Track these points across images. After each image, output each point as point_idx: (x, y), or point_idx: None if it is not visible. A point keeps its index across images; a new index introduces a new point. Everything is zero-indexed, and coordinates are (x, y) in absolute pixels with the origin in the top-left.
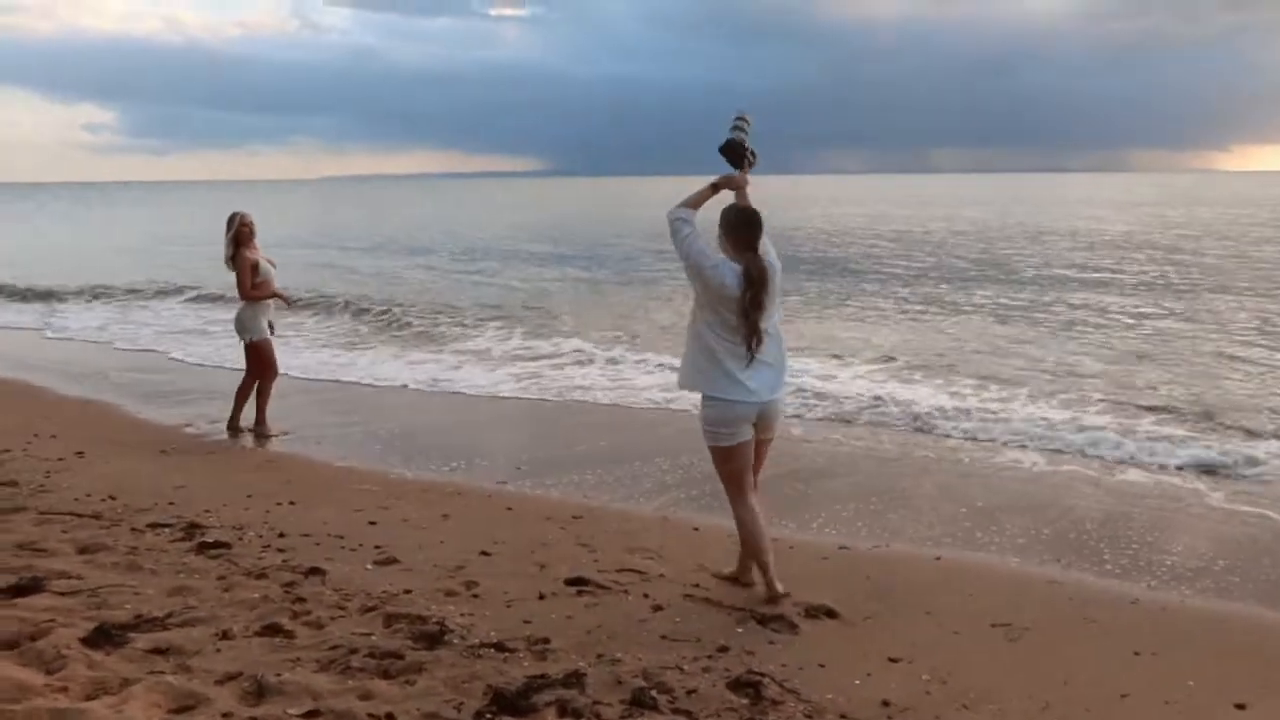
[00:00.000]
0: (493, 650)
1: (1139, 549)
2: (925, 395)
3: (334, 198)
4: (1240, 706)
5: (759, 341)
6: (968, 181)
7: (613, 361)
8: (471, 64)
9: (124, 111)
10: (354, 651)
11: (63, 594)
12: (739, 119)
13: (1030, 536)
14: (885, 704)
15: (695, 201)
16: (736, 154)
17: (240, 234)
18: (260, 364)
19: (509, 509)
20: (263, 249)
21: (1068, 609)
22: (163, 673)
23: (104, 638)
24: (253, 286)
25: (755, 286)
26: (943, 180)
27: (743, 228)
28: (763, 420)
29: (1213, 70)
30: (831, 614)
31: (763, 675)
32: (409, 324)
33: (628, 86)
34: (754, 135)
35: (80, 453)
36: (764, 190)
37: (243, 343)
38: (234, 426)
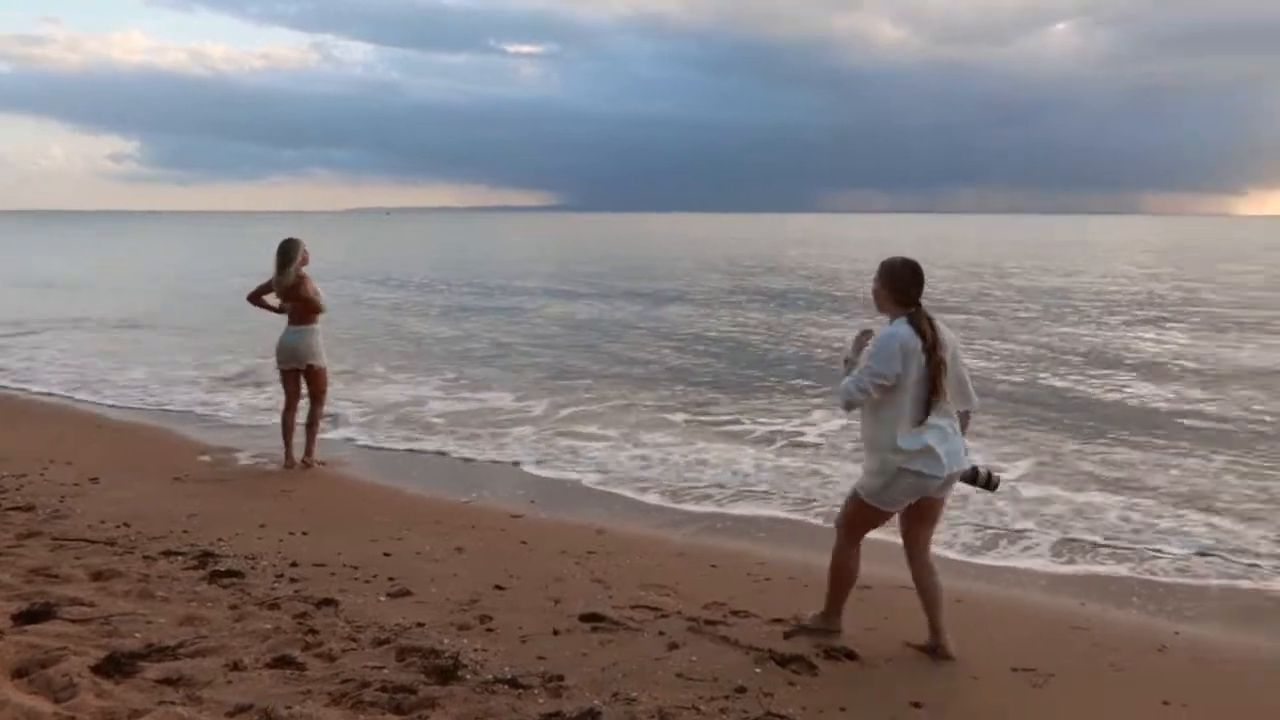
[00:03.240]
0: (506, 686)
1: None
2: None
3: (376, 229)
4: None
5: (939, 398)
6: (1000, 222)
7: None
8: (490, 100)
9: (147, 142)
10: (366, 685)
11: (74, 621)
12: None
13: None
14: None
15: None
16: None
17: (304, 259)
18: (323, 389)
19: (524, 543)
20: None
21: (1093, 654)
22: (173, 703)
23: (114, 666)
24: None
25: (930, 340)
26: (969, 220)
27: (911, 280)
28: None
29: (1228, 115)
30: (851, 656)
31: (782, 717)
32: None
33: (644, 125)
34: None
35: (95, 479)
36: (814, 226)
37: (306, 367)
38: (293, 459)
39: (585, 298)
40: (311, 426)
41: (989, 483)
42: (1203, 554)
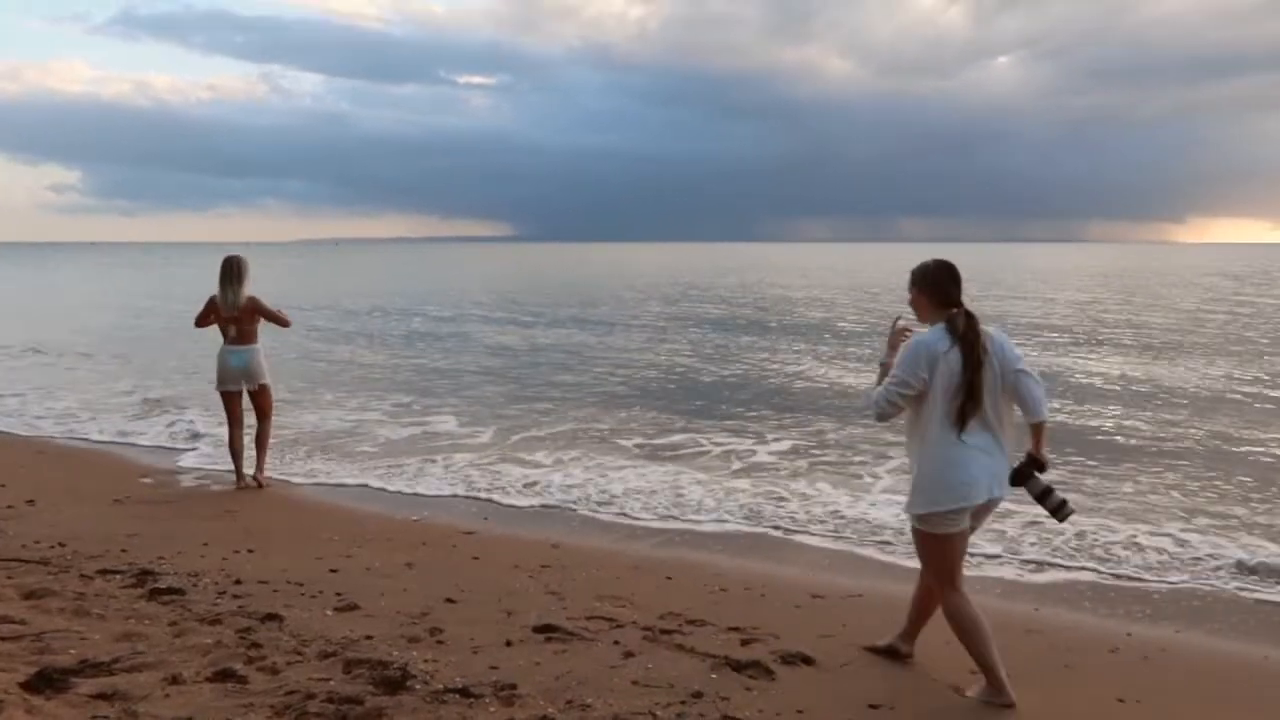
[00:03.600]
0: (457, 696)
1: None
2: None
3: (329, 260)
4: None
5: (976, 408)
6: (945, 250)
7: None
8: (441, 130)
9: (90, 172)
10: (311, 697)
11: (4, 639)
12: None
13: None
14: None
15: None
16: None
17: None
18: (270, 406)
19: (476, 558)
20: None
21: (1049, 656)
22: (106, 717)
23: (45, 683)
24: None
25: (967, 342)
26: (916, 249)
27: (949, 279)
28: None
29: (1167, 146)
30: (808, 660)
31: (736, 719)
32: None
33: (595, 156)
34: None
35: (31, 501)
36: (749, 256)
37: (255, 387)
38: (243, 476)
39: (536, 325)
40: (262, 444)
41: (1059, 510)
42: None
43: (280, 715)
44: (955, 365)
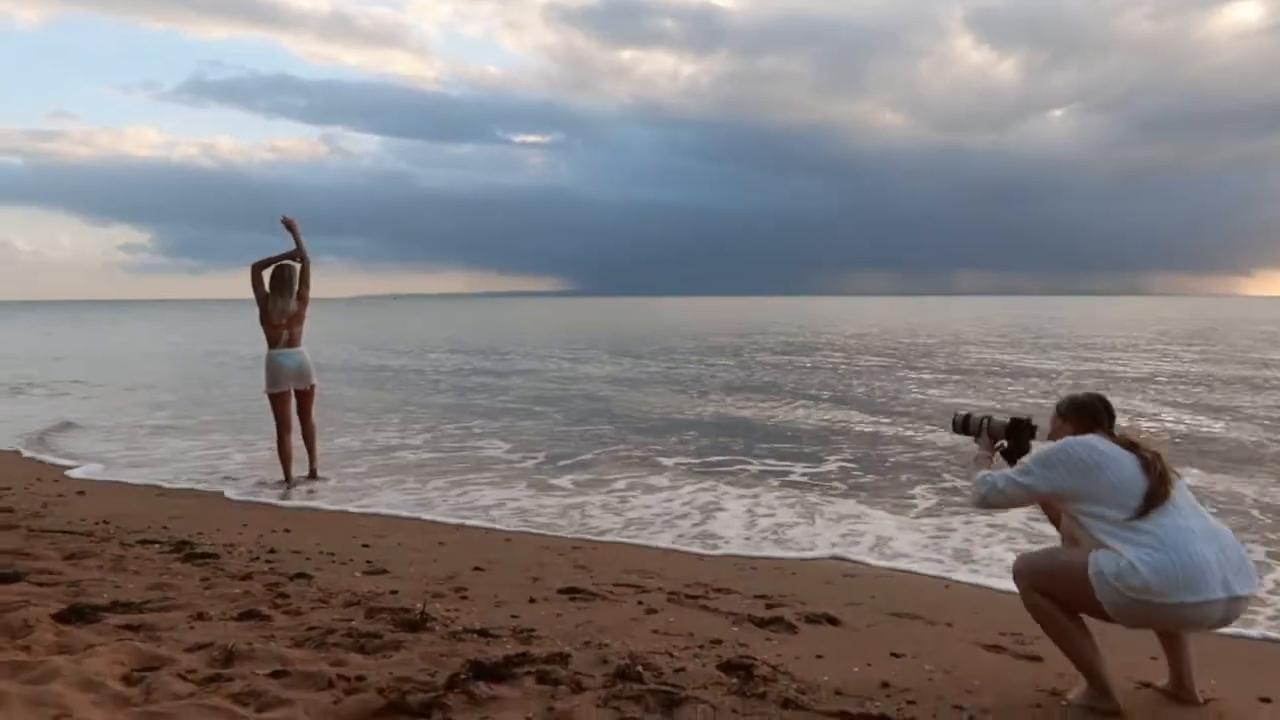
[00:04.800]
0: (475, 635)
1: None
2: None
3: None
4: (1265, 700)
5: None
6: (1005, 303)
7: None
8: (498, 188)
9: (160, 233)
10: (331, 632)
11: (41, 585)
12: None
13: None
14: (884, 685)
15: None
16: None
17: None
18: (313, 405)
19: (508, 540)
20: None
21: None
22: (131, 640)
23: (76, 615)
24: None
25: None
26: (970, 302)
27: (1103, 408)
28: None
29: (1229, 197)
30: (833, 621)
31: (755, 659)
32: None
33: (649, 210)
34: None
35: (81, 491)
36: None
37: (309, 387)
38: (291, 478)
39: (595, 362)
40: (312, 440)
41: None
42: None
43: (300, 645)
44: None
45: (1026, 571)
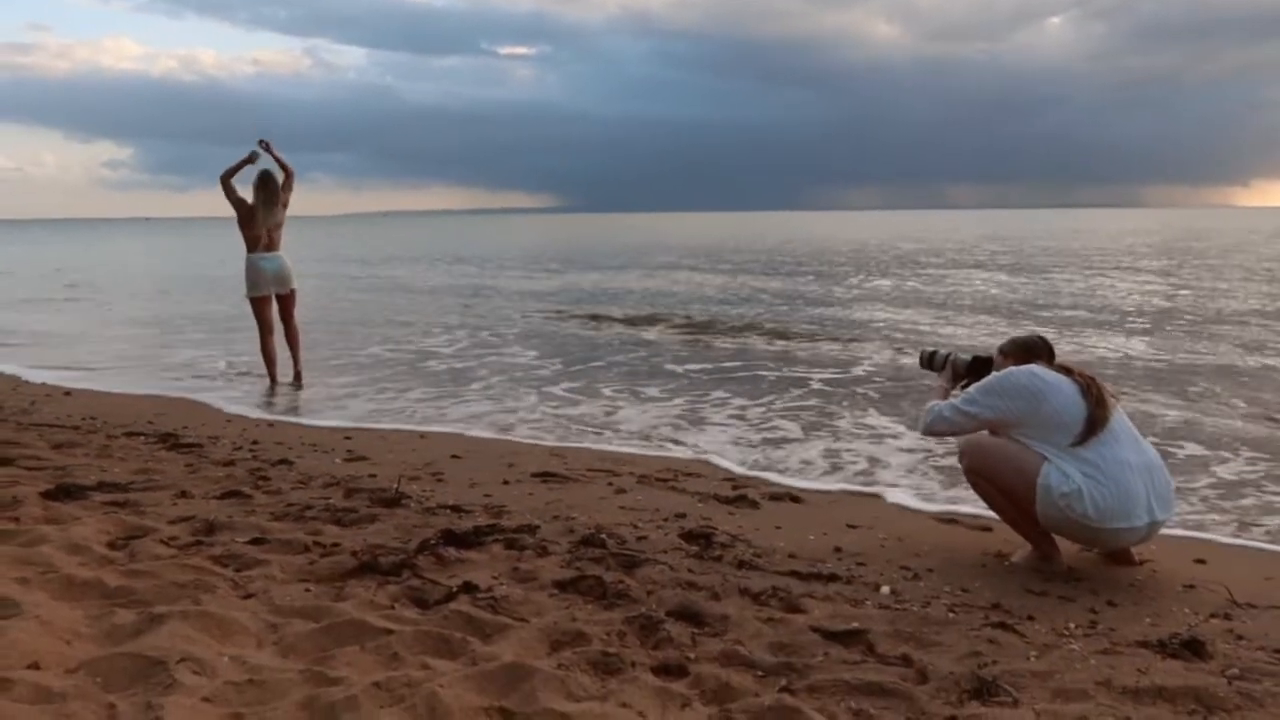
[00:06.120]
0: (448, 510)
1: None
2: None
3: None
4: (1200, 561)
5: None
6: (1001, 216)
7: None
8: (486, 102)
9: (142, 149)
10: (309, 508)
11: (30, 469)
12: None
13: None
14: (837, 550)
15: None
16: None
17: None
18: (294, 308)
19: (484, 438)
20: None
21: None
22: (116, 513)
23: (63, 493)
24: None
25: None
26: (965, 215)
27: (1043, 346)
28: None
29: (1229, 107)
30: (795, 499)
31: (715, 529)
32: None
33: (639, 125)
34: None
35: (68, 392)
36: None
37: (290, 291)
38: (277, 380)
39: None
40: (295, 343)
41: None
42: None
43: (279, 519)
44: None
45: (973, 457)
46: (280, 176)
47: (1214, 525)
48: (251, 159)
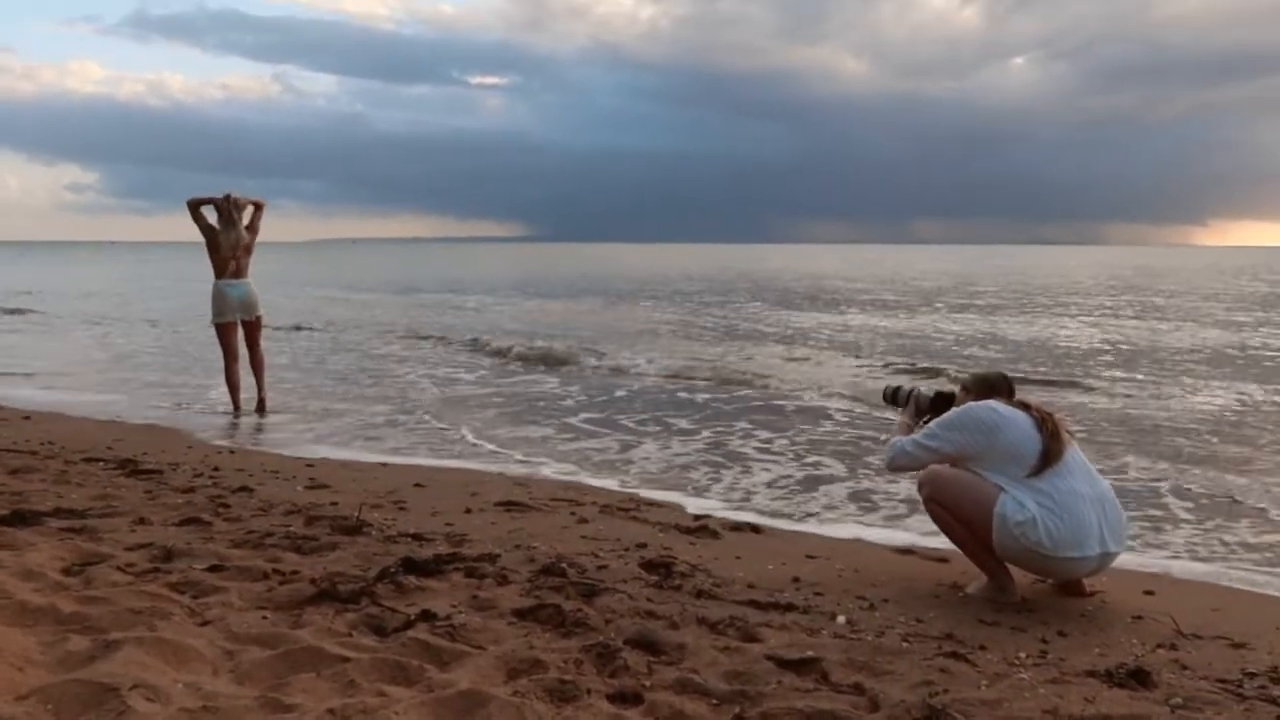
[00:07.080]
0: (409, 539)
1: None
2: None
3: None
4: (1149, 593)
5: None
6: (966, 252)
7: None
8: (456, 131)
9: (107, 173)
10: (269, 535)
11: None
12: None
13: None
14: (795, 580)
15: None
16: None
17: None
18: (260, 335)
19: (448, 468)
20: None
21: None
22: (72, 539)
23: (18, 519)
24: None
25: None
26: (930, 250)
27: (1003, 384)
28: None
29: (1186, 147)
30: (756, 529)
31: (676, 558)
32: None
33: (610, 156)
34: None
35: (27, 416)
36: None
37: (255, 318)
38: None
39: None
40: (259, 369)
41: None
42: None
43: (238, 546)
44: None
45: (933, 487)
46: (247, 204)
47: (1164, 558)
48: (220, 200)
